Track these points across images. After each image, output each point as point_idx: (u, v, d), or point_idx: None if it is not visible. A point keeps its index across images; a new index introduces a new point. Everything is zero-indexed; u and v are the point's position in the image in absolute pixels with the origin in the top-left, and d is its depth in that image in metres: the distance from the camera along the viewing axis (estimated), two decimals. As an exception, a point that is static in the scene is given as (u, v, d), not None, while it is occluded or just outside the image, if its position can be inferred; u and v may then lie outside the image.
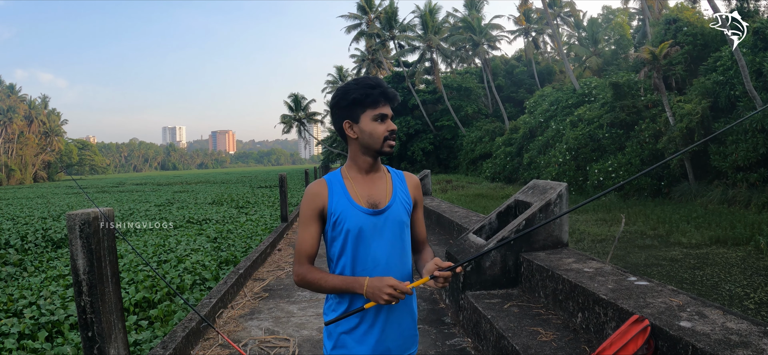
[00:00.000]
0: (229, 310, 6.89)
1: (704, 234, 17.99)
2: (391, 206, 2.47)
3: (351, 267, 2.42)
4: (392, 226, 2.46)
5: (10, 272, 11.11)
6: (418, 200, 2.67)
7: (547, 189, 6.17)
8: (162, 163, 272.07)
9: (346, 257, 2.43)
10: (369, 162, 2.49)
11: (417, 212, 2.68)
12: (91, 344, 3.59)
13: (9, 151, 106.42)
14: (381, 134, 2.41)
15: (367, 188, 2.48)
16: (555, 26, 50.57)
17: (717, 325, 3.28)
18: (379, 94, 2.40)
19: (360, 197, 2.45)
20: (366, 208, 2.43)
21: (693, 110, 25.61)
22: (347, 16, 70.34)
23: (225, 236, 14.45)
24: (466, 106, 59.80)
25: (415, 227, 2.69)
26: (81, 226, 3.52)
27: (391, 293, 2.24)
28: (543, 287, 5.19)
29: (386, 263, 2.43)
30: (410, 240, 2.62)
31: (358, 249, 2.42)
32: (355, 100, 2.40)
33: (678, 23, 32.87)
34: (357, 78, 2.45)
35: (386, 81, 18.68)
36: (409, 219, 2.56)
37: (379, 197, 2.47)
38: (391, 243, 2.46)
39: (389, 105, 2.44)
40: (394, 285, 2.25)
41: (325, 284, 2.39)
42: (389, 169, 2.62)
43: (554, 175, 33.48)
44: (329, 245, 2.50)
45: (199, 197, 33.44)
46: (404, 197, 2.55)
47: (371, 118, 2.40)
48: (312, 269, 2.44)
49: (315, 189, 2.46)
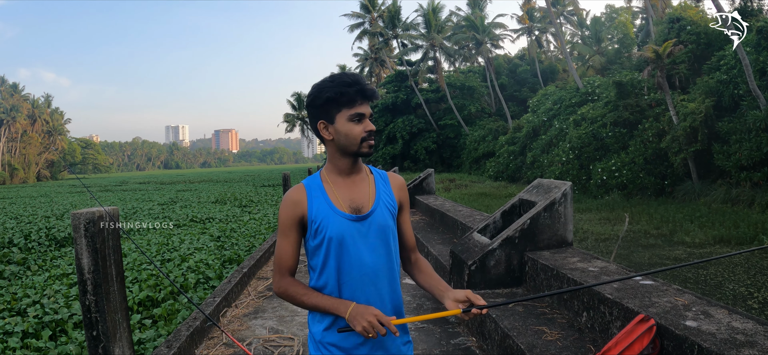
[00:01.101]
0: (234, 309, 6.90)
1: (708, 233, 17.95)
2: (375, 210, 2.32)
3: (336, 277, 2.27)
4: (377, 231, 2.31)
5: (13, 270, 11.12)
6: (404, 202, 2.50)
7: (552, 188, 6.17)
8: (165, 162, 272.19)
9: (329, 266, 2.27)
10: (348, 164, 2.34)
11: (403, 216, 2.51)
12: (95, 343, 3.59)
13: (12, 150, 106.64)
14: (358, 135, 2.25)
15: (349, 192, 2.33)
16: (558, 25, 50.58)
17: (722, 324, 3.27)
18: (355, 92, 2.22)
19: (341, 201, 2.30)
20: (348, 213, 2.28)
21: (696, 109, 25.56)
22: (350, 14, 70.38)
23: (228, 234, 14.47)
24: (469, 105, 59.76)
25: (402, 232, 2.52)
26: (86, 225, 3.52)
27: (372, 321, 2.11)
28: (548, 286, 5.19)
29: (372, 270, 2.29)
30: (397, 246, 2.44)
31: (342, 257, 2.26)
32: (329, 99, 2.24)
33: (681, 22, 32.81)
34: (333, 75, 2.29)
35: (389, 79, 18.58)
36: (394, 223, 2.41)
37: (361, 201, 2.33)
38: (377, 249, 2.30)
39: (367, 103, 2.27)
40: (378, 317, 2.12)
41: (308, 301, 2.27)
42: (372, 170, 2.47)
43: (557, 174, 33.44)
44: (311, 254, 2.35)
45: (202, 196, 33.50)
46: (388, 200, 2.40)
47: (347, 119, 2.24)
48: (294, 283, 2.32)
49: (294, 196, 2.32)
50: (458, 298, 2.20)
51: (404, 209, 2.50)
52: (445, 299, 2.26)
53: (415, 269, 2.53)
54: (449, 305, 2.21)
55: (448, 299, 2.23)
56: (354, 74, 2.27)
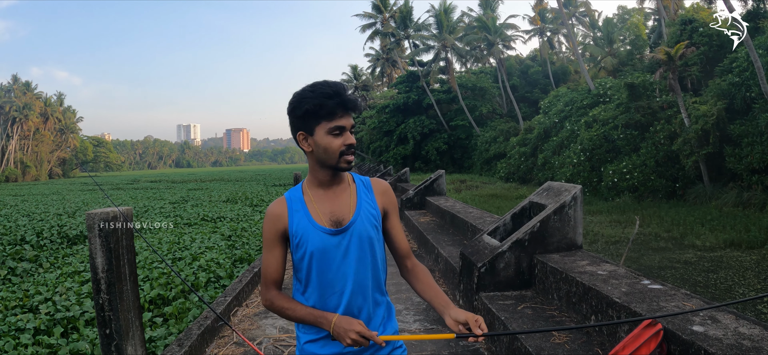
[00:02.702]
0: (244, 308, 6.94)
1: (718, 237, 17.88)
2: (355, 222, 2.28)
3: (319, 290, 2.26)
4: (358, 243, 2.27)
5: (26, 268, 11.22)
6: (389, 208, 2.44)
7: (562, 191, 6.18)
8: (176, 161, 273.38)
9: (312, 279, 2.27)
10: (328, 176, 2.30)
11: (390, 221, 2.44)
12: (108, 342, 3.63)
13: (25, 147, 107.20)
14: (336, 149, 2.19)
15: (329, 204, 2.29)
16: (570, 26, 50.45)
17: (729, 330, 3.28)
18: (335, 105, 2.16)
19: (321, 215, 2.27)
20: (328, 228, 2.25)
21: (708, 112, 25.44)
22: (362, 15, 70.37)
23: (239, 234, 14.51)
24: (480, 106, 59.66)
25: (392, 239, 2.46)
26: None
27: (356, 338, 2.10)
28: (557, 289, 5.20)
29: (355, 282, 2.26)
30: (384, 254, 2.40)
31: (324, 272, 2.24)
32: (308, 112, 2.18)
33: (694, 24, 32.68)
34: (314, 84, 2.22)
35: (401, 80, 18.59)
36: (378, 233, 2.35)
37: (342, 214, 2.28)
38: (359, 261, 2.27)
39: (348, 115, 2.20)
40: (362, 332, 2.12)
41: (293, 314, 2.27)
42: (355, 177, 2.41)
43: (568, 176, 33.33)
44: (295, 267, 2.33)
45: (213, 195, 33.60)
46: (370, 209, 2.34)
47: (326, 131, 2.18)
48: (280, 296, 2.31)
49: (275, 210, 2.31)
50: (458, 318, 2.13)
51: (390, 214, 2.45)
52: (445, 315, 2.22)
53: (412, 277, 2.46)
54: (449, 323, 2.17)
55: (448, 316, 2.18)
56: (336, 84, 2.22)
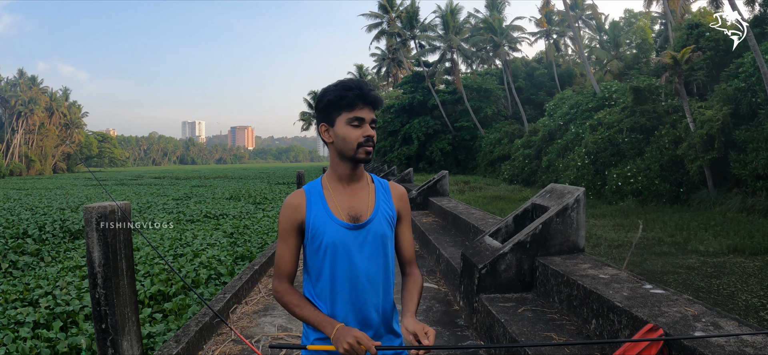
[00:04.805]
0: (243, 306, 6.92)
1: (722, 242, 17.80)
2: (373, 219, 2.33)
3: (330, 284, 2.30)
4: (374, 240, 2.32)
5: (27, 261, 11.23)
6: (404, 213, 2.49)
7: (565, 194, 6.14)
8: (181, 158, 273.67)
9: (324, 273, 2.30)
10: (348, 170, 2.35)
11: (402, 226, 2.50)
12: (104, 336, 3.62)
13: (29, 142, 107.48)
14: (355, 139, 2.25)
15: (348, 200, 2.34)
16: (576, 29, 50.27)
17: (732, 337, 3.25)
18: (355, 96, 2.23)
19: (340, 209, 2.31)
20: (346, 221, 2.30)
21: (714, 117, 25.36)
22: (368, 14, 70.44)
23: (241, 231, 14.52)
24: (485, 108, 59.62)
25: (399, 244, 2.52)
26: (98, 219, 3.55)
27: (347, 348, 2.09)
28: (557, 293, 5.16)
29: (367, 279, 2.31)
30: (394, 256, 2.46)
31: (337, 265, 2.28)
32: (330, 103, 2.27)
33: (700, 28, 32.57)
34: (339, 80, 2.31)
35: (406, 80, 18.68)
36: (392, 233, 2.42)
37: (360, 210, 2.34)
38: (373, 259, 2.32)
39: (368, 108, 2.27)
40: (359, 338, 2.10)
41: (300, 313, 2.29)
42: (374, 178, 2.47)
43: (572, 179, 33.30)
44: (308, 260, 2.37)
45: (216, 192, 33.64)
46: (388, 209, 2.40)
47: (345, 122, 2.25)
48: (290, 291, 2.35)
49: (293, 201, 2.34)
50: (408, 328, 2.16)
51: (403, 219, 2.51)
52: (401, 321, 2.28)
53: (403, 281, 2.52)
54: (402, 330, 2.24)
55: (402, 324, 2.23)
56: (359, 80, 2.28)
